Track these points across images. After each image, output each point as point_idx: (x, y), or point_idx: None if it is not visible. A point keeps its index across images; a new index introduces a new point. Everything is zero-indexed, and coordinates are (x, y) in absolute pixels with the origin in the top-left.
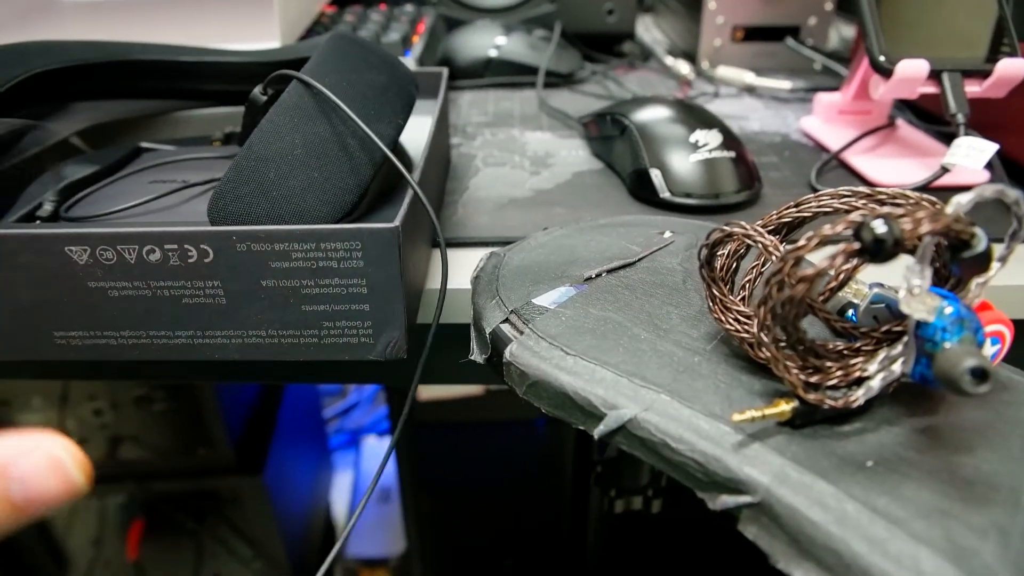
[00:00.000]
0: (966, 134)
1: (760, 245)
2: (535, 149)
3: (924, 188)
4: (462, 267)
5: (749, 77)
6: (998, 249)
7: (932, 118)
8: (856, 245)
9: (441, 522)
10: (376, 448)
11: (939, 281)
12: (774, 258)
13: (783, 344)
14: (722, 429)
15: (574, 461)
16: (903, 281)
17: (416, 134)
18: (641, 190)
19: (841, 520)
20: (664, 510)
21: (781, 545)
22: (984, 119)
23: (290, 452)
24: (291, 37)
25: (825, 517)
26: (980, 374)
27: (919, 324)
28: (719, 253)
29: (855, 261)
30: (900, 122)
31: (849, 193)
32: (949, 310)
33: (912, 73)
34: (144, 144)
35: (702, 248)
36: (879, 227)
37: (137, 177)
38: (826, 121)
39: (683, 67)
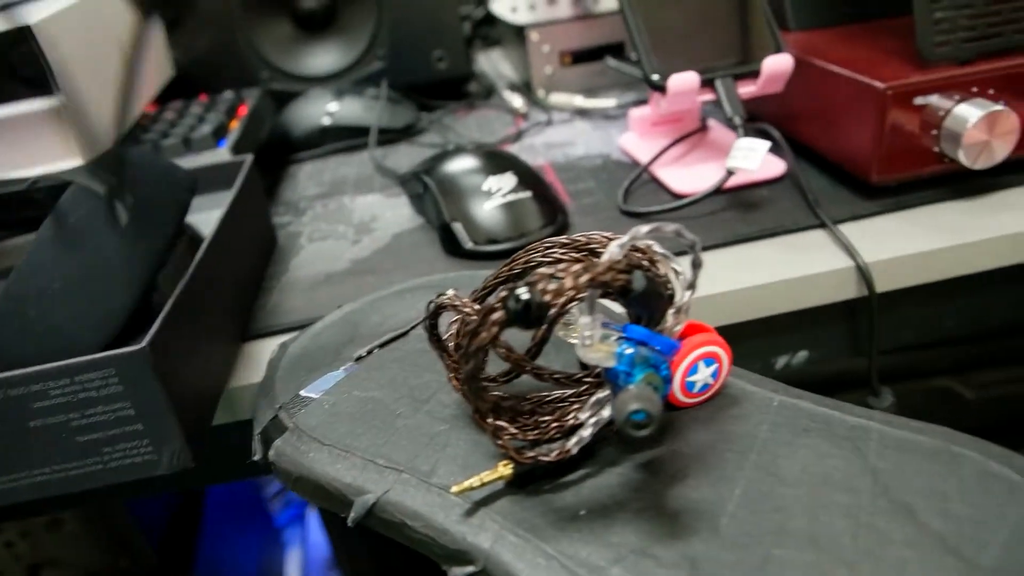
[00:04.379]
0: (744, 135)
1: (463, 314)
2: (362, 215)
3: (717, 191)
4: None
5: (578, 100)
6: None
7: (750, 116)
8: (504, 315)
9: None
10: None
11: (636, 319)
12: None
13: (487, 409)
14: (452, 500)
15: None
16: (578, 333)
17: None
18: (449, 244)
19: None
20: None
21: None
22: (780, 111)
23: (225, 542)
24: (100, 149)
25: None
26: (642, 420)
27: (609, 370)
28: (450, 321)
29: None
30: (712, 124)
31: (552, 244)
32: (629, 351)
33: (684, 86)
34: None
35: (425, 320)
36: (522, 296)
37: None
38: (641, 136)
39: (516, 100)
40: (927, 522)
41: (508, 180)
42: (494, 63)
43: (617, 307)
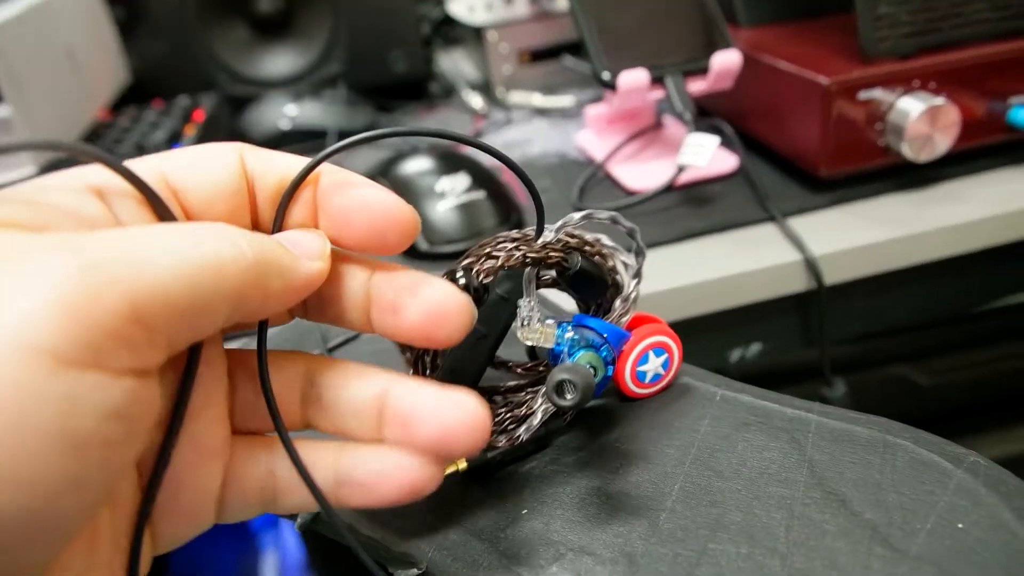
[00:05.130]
0: (695, 131)
1: None
2: None
3: (671, 187)
4: None
5: (536, 99)
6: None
7: (704, 112)
8: None
9: None
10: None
11: (585, 308)
12: None
13: None
14: None
15: None
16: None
17: None
18: None
19: None
20: None
21: None
22: (733, 107)
23: (199, 547)
24: (50, 155)
25: None
26: (563, 385)
27: (551, 352)
28: None
29: None
30: (667, 120)
31: (503, 238)
32: (570, 334)
33: (634, 83)
34: None
35: None
36: (460, 280)
37: None
38: (598, 133)
39: (476, 100)
40: (860, 512)
41: (462, 180)
42: (456, 63)
43: (571, 302)
